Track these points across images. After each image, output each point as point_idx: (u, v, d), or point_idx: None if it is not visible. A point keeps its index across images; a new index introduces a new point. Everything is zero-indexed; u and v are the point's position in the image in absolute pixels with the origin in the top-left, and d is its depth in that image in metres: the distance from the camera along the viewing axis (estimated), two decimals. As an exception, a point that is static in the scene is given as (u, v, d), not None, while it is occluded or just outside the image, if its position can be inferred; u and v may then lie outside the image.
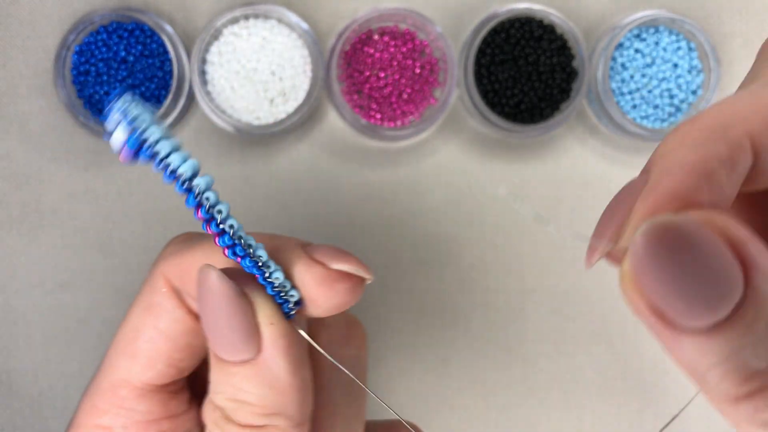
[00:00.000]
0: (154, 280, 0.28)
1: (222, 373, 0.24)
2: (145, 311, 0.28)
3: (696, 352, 0.17)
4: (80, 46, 0.48)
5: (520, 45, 0.49)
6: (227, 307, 0.23)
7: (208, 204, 0.22)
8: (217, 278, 0.23)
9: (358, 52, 0.50)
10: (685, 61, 0.50)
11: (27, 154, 0.49)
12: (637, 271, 0.18)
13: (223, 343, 0.24)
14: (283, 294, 0.24)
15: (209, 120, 0.49)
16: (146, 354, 0.28)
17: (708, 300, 0.17)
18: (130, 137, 0.20)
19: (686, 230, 0.17)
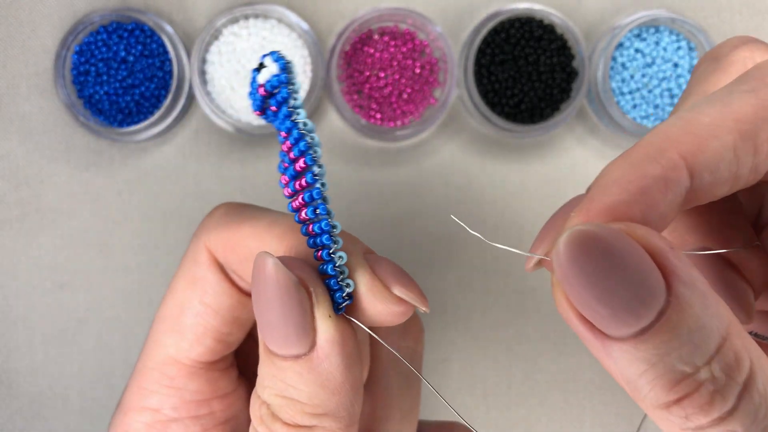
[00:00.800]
0: (196, 253, 0.28)
1: (271, 367, 0.23)
2: (189, 285, 0.28)
3: (625, 360, 0.18)
4: (80, 46, 0.48)
5: (520, 45, 0.49)
6: (284, 299, 0.22)
7: (315, 155, 0.21)
8: (274, 267, 0.22)
9: (358, 52, 0.49)
10: (686, 60, 0.50)
11: (27, 153, 0.49)
12: (560, 278, 0.18)
13: (276, 336, 0.22)
14: (340, 280, 0.23)
15: (209, 120, 0.49)
16: (194, 329, 0.27)
17: (631, 306, 0.17)
18: (279, 75, 0.20)
19: (605, 237, 0.18)
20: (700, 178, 0.20)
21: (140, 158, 0.50)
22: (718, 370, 0.17)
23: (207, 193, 0.50)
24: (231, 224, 0.27)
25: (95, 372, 0.50)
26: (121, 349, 0.50)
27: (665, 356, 0.17)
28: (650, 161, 0.20)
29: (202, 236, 0.28)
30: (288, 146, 0.21)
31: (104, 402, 0.50)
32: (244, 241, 0.26)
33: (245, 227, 0.26)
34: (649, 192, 0.19)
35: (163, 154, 0.50)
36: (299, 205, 0.22)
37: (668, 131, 0.21)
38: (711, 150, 0.20)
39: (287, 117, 0.21)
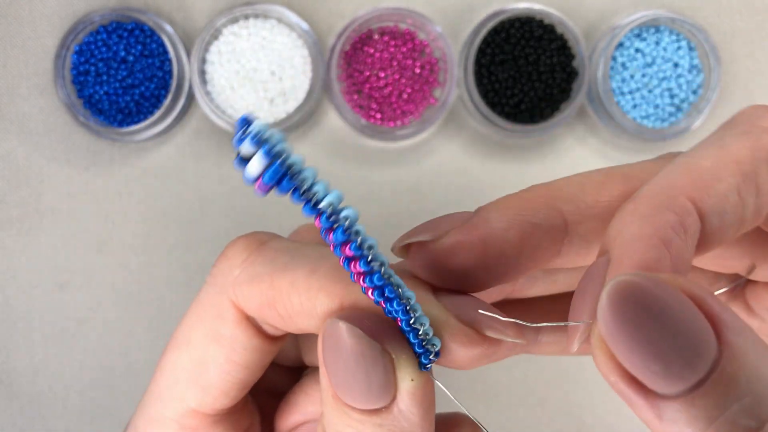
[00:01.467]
0: (221, 309, 0.25)
1: (344, 416, 0.22)
2: (212, 341, 0.26)
3: (681, 420, 0.17)
4: (80, 46, 0.48)
5: (520, 45, 0.49)
6: (365, 366, 0.20)
7: (359, 239, 0.18)
8: (352, 336, 0.20)
9: (358, 52, 0.49)
10: (686, 60, 0.50)
11: (27, 153, 0.49)
12: (606, 334, 0.17)
13: (354, 396, 0.21)
14: (425, 343, 0.21)
15: (209, 120, 0.49)
16: (219, 386, 0.26)
17: (684, 357, 0.16)
18: (270, 168, 0.17)
19: (650, 286, 0.17)
20: (710, 222, 0.20)
21: (140, 158, 0.50)
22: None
23: (207, 193, 0.50)
24: (262, 278, 0.24)
25: (95, 372, 0.50)
26: (121, 349, 0.50)
27: (726, 411, 0.16)
28: (663, 210, 0.19)
29: (227, 290, 0.25)
30: (321, 227, 0.19)
31: (104, 402, 0.49)
32: (283, 298, 0.23)
33: (281, 281, 0.23)
34: (673, 242, 0.19)
35: (163, 154, 0.50)
36: (364, 286, 0.20)
37: (671, 178, 0.20)
38: (717, 193, 0.20)
39: (306, 203, 0.18)
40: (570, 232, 0.22)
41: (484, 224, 0.22)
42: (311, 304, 0.23)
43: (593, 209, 0.22)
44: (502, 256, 0.22)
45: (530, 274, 0.27)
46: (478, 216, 0.23)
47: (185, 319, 0.27)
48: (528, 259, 0.22)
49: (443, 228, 0.23)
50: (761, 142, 0.20)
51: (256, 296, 0.24)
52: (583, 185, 0.23)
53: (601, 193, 0.22)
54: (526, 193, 0.23)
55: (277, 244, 0.25)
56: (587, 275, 0.20)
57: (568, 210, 0.22)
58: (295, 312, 0.23)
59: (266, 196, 0.19)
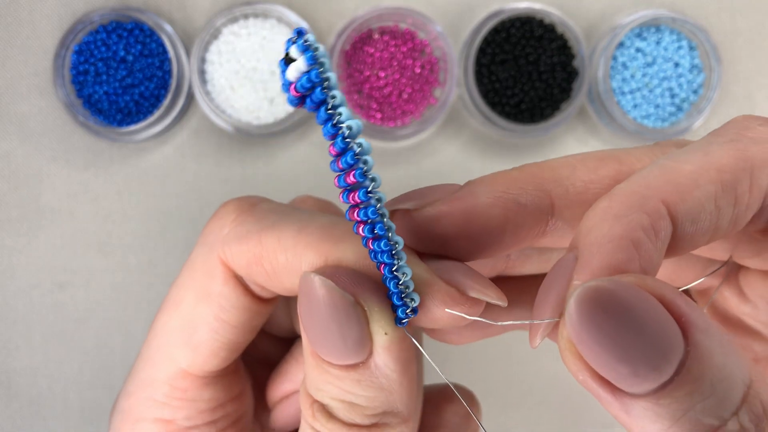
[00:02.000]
0: (210, 266, 0.25)
1: (324, 373, 0.22)
2: (201, 299, 0.26)
3: (647, 417, 0.17)
4: (79, 46, 0.48)
5: (520, 44, 0.49)
6: (338, 318, 0.21)
7: (366, 167, 0.19)
8: (324, 288, 0.21)
9: (358, 52, 0.49)
10: (686, 60, 0.50)
11: (26, 153, 0.49)
12: (575, 339, 0.17)
13: (330, 350, 0.21)
14: (404, 296, 0.21)
15: (209, 120, 0.49)
16: (208, 345, 0.26)
17: (651, 360, 0.17)
18: (308, 73, 0.18)
19: (618, 291, 0.17)
20: (682, 227, 0.20)
21: (140, 158, 0.50)
22: (747, 421, 0.17)
23: (207, 192, 0.50)
24: (251, 235, 0.24)
25: (95, 372, 0.50)
26: (120, 349, 0.50)
27: (689, 410, 0.17)
28: (636, 211, 0.19)
29: (216, 248, 0.25)
30: (335, 152, 0.19)
31: (104, 402, 0.49)
32: (270, 255, 0.24)
33: (269, 238, 0.24)
34: (643, 244, 0.19)
35: (163, 154, 0.50)
36: (355, 219, 0.20)
37: (649, 179, 0.20)
38: (693, 199, 0.20)
39: (327, 120, 0.19)
40: (556, 214, 0.22)
41: (469, 198, 0.22)
42: (297, 261, 0.23)
43: (582, 195, 0.22)
44: (485, 231, 0.22)
45: (522, 252, 0.27)
46: (464, 189, 0.23)
47: (176, 281, 0.27)
48: (511, 236, 0.22)
49: (429, 197, 0.23)
50: (746, 153, 0.20)
51: (244, 253, 0.24)
52: (575, 168, 0.23)
53: (592, 179, 0.22)
54: (516, 172, 0.23)
55: (267, 205, 0.26)
56: (553, 271, 0.20)
57: (557, 193, 0.22)
58: (281, 269, 0.24)
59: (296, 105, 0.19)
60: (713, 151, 0.20)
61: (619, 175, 0.22)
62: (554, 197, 0.22)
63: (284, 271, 0.24)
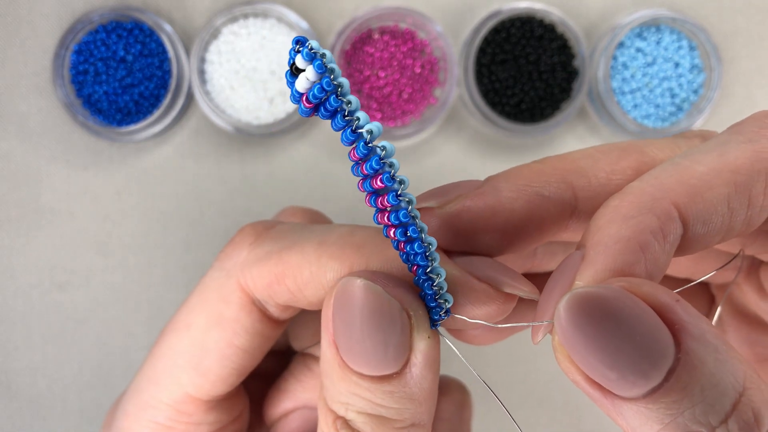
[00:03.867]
0: (226, 292, 0.25)
1: (352, 386, 0.21)
2: (214, 325, 0.25)
3: (637, 420, 0.17)
4: (79, 46, 0.48)
5: (520, 44, 0.49)
6: (382, 324, 0.20)
7: (393, 171, 0.18)
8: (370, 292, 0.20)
9: (358, 51, 0.49)
10: (687, 60, 0.50)
11: (25, 153, 0.49)
12: (564, 343, 0.18)
13: (366, 359, 0.20)
14: (438, 296, 0.21)
15: (208, 120, 0.49)
16: (218, 371, 0.26)
17: (639, 367, 0.17)
18: (320, 83, 0.17)
19: (606, 297, 0.17)
20: (693, 228, 0.20)
21: (139, 158, 0.50)
22: (736, 429, 0.17)
23: (206, 193, 0.50)
24: (272, 257, 0.24)
25: (95, 372, 0.50)
26: (120, 349, 0.50)
27: (678, 416, 0.17)
28: (645, 213, 0.19)
29: (234, 273, 0.25)
30: (356, 157, 0.18)
31: (104, 402, 0.49)
32: (293, 271, 0.23)
33: (291, 257, 0.23)
34: (650, 247, 0.19)
35: (162, 154, 0.50)
36: (385, 223, 0.20)
37: (661, 179, 0.20)
38: (705, 201, 0.19)
39: (346, 127, 0.18)
40: (579, 206, 0.22)
41: (492, 192, 0.22)
42: (322, 273, 0.23)
43: (604, 186, 0.22)
44: (509, 225, 0.22)
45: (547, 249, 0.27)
46: (487, 184, 0.22)
47: (186, 304, 0.26)
48: (536, 229, 0.22)
49: (452, 194, 0.22)
50: (762, 155, 0.20)
51: (265, 274, 0.24)
52: (597, 160, 0.22)
53: (614, 170, 0.22)
54: (539, 165, 0.23)
55: (282, 226, 0.26)
56: (559, 269, 0.20)
57: (579, 185, 0.22)
58: (305, 283, 0.23)
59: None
60: (729, 151, 0.20)
61: (641, 166, 0.22)
62: (577, 189, 0.22)
63: (310, 285, 0.23)
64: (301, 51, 0.17)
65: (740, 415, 0.17)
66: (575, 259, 0.20)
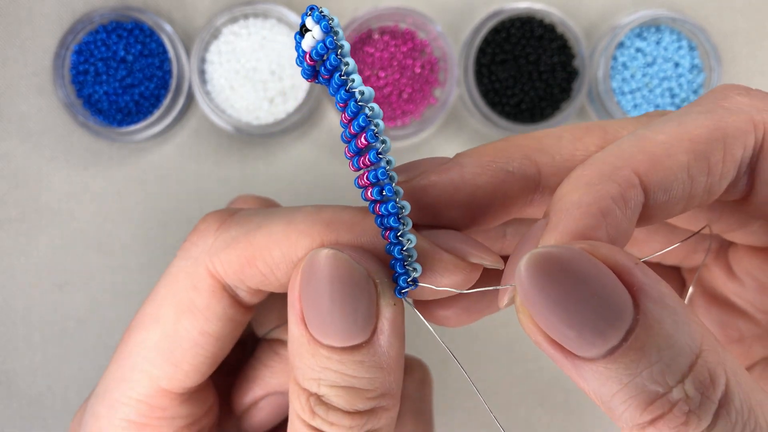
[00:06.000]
0: (195, 279, 0.25)
1: (323, 360, 0.21)
2: (185, 314, 0.25)
3: (596, 380, 0.17)
4: (79, 46, 0.48)
5: (520, 44, 0.49)
6: (351, 293, 0.20)
7: (378, 129, 0.20)
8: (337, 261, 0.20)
9: (358, 52, 0.49)
10: (687, 60, 0.50)
11: (26, 153, 0.49)
12: (525, 302, 0.18)
13: (336, 330, 0.21)
14: (407, 263, 0.21)
15: (209, 120, 0.49)
16: (191, 361, 0.25)
17: (597, 327, 0.17)
18: (323, 41, 0.19)
19: (565, 257, 0.17)
20: (654, 196, 0.20)
21: (139, 158, 0.50)
22: (692, 390, 0.17)
23: (207, 192, 0.50)
24: (239, 241, 0.24)
25: (94, 372, 0.50)
26: (120, 349, 0.50)
27: (636, 376, 0.17)
28: (606, 180, 0.20)
29: (202, 260, 0.25)
30: (347, 118, 0.20)
31: (104, 402, 0.49)
32: (263, 253, 0.23)
33: (260, 238, 0.24)
34: (611, 212, 0.19)
35: (163, 154, 0.50)
36: (365, 183, 0.21)
37: (622, 148, 0.21)
38: (665, 168, 0.20)
39: (341, 86, 0.19)
40: (543, 182, 0.23)
41: (456, 168, 0.23)
42: (293, 251, 0.23)
43: (568, 162, 0.23)
44: (474, 200, 0.23)
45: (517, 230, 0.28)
46: (453, 161, 0.23)
47: (152, 298, 0.26)
48: (500, 204, 0.23)
49: (418, 170, 0.23)
50: (719, 123, 0.21)
51: (234, 259, 0.24)
52: (561, 138, 0.23)
53: (578, 147, 0.23)
54: (503, 143, 0.23)
55: (246, 211, 0.26)
56: (524, 237, 0.21)
57: (543, 161, 0.23)
58: (277, 264, 0.23)
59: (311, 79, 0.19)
60: (688, 122, 0.21)
61: (604, 143, 0.23)
62: (541, 165, 0.23)
63: (281, 265, 0.23)
64: (312, 14, 0.19)
65: (696, 375, 0.17)
66: (539, 226, 0.20)
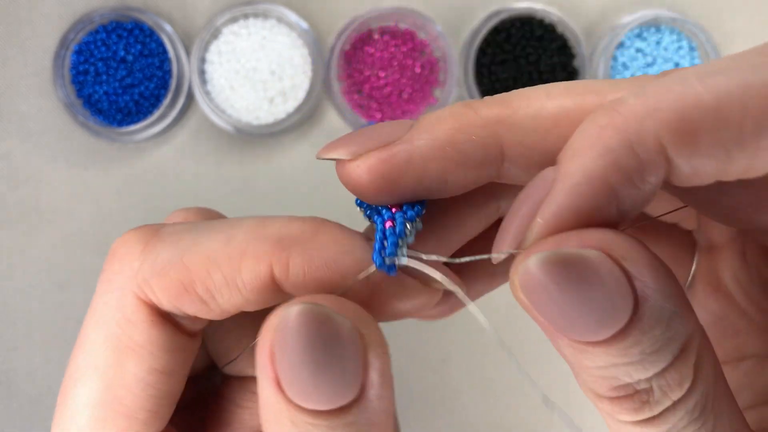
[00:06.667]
0: (128, 312, 0.21)
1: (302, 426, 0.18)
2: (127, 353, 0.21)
3: (572, 354, 0.18)
4: (79, 46, 0.48)
5: (520, 44, 0.49)
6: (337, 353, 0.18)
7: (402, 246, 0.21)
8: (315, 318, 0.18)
9: (358, 52, 0.49)
10: (687, 60, 0.50)
11: (26, 153, 0.49)
12: (530, 299, 0.18)
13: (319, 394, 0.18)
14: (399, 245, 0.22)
15: (209, 120, 0.49)
16: (147, 406, 0.22)
17: (590, 326, 0.17)
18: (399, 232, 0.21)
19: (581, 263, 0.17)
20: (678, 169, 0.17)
21: (139, 158, 0.50)
22: (657, 387, 0.17)
23: (206, 192, 0.50)
24: (171, 262, 0.21)
25: None
26: (120, 349, 0.50)
27: (612, 367, 0.17)
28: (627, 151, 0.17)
29: (129, 289, 0.21)
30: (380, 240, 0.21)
31: (104, 402, 0.49)
32: (202, 277, 0.20)
33: (195, 259, 0.21)
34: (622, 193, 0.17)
35: (163, 154, 0.50)
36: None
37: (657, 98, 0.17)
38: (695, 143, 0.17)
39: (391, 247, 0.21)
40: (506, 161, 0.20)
41: (404, 152, 0.20)
42: (235, 274, 0.20)
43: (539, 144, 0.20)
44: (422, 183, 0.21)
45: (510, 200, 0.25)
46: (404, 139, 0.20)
47: (80, 345, 0.22)
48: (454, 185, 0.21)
49: (362, 147, 0.21)
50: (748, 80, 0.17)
51: (168, 284, 0.21)
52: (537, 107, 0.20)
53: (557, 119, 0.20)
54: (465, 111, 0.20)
55: (173, 227, 0.22)
56: (530, 187, 0.19)
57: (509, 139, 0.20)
58: (218, 288, 0.21)
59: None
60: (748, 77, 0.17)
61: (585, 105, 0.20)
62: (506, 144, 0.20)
63: (222, 289, 0.21)
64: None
65: (666, 378, 0.17)
66: (546, 180, 0.18)
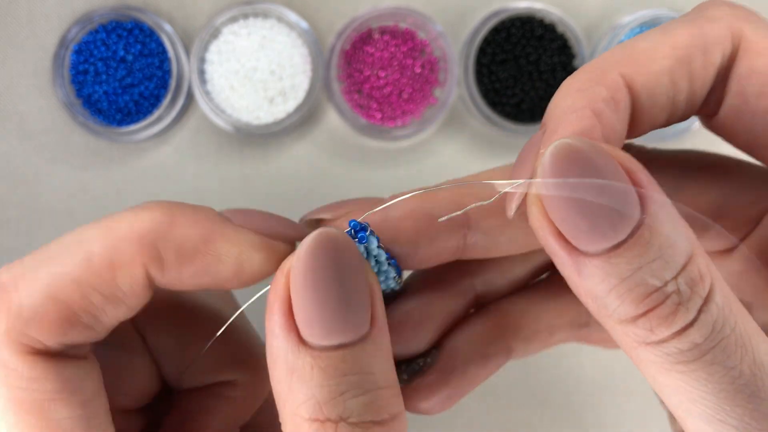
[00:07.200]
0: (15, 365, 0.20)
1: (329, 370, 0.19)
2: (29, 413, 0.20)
3: (597, 276, 0.18)
4: (79, 45, 0.48)
5: (520, 44, 0.49)
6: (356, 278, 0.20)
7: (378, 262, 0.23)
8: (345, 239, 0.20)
9: (358, 51, 0.49)
10: (687, 60, 0.50)
11: (25, 153, 0.49)
12: (543, 187, 0.19)
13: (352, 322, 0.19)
14: None
15: (208, 119, 0.49)
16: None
17: (610, 218, 0.18)
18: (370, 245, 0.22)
19: (590, 151, 0.19)
20: (641, 100, 0.21)
21: (139, 158, 0.50)
22: (684, 285, 0.18)
23: (206, 192, 0.50)
24: (44, 304, 0.20)
25: (94, 372, 0.50)
26: (120, 350, 0.50)
27: (637, 270, 0.18)
28: (595, 84, 0.21)
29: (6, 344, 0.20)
30: None
31: (103, 402, 0.49)
32: (82, 304, 0.20)
33: (66, 290, 0.20)
34: (604, 114, 0.20)
35: (162, 154, 0.50)
36: None
37: (608, 56, 0.22)
38: (649, 72, 0.21)
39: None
40: (472, 226, 0.24)
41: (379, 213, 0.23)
42: (113, 288, 0.20)
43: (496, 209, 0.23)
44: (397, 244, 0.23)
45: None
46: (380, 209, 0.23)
47: None
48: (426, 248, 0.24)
49: (342, 210, 0.24)
50: (701, 30, 0.22)
51: (49, 325, 0.20)
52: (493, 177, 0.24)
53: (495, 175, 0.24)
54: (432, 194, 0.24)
55: (8, 270, 0.21)
56: (526, 147, 0.21)
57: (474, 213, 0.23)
58: (101, 309, 0.21)
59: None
60: (670, 30, 0.22)
61: None
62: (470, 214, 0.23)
63: (106, 308, 0.21)
64: None
65: (689, 273, 0.18)
66: (538, 136, 0.21)
